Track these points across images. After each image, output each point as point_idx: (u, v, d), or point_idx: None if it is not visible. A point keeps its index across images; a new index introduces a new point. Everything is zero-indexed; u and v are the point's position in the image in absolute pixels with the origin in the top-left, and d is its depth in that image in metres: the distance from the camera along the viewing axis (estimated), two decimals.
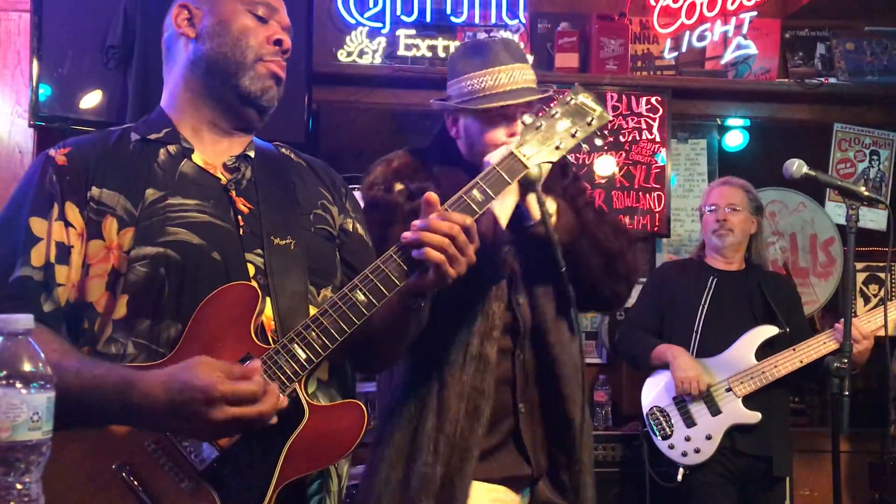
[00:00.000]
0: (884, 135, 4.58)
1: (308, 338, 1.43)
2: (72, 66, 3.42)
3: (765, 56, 4.43)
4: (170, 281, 1.45)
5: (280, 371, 1.41)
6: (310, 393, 1.49)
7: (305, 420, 1.42)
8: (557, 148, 1.62)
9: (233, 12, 1.58)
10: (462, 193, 1.53)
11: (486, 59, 2.02)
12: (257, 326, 1.45)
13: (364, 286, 1.46)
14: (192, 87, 1.60)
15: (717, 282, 3.41)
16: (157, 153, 1.55)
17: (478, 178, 1.55)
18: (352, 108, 4.30)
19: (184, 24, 1.60)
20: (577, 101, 1.65)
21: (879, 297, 4.52)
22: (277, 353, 1.42)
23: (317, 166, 1.75)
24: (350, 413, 1.46)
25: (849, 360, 2.43)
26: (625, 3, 4.43)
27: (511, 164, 1.59)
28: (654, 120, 4.31)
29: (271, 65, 1.58)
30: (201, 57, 1.57)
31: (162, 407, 1.30)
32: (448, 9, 4.25)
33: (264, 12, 1.59)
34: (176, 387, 1.29)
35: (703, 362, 3.30)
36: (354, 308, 1.45)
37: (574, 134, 1.63)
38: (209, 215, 1.51)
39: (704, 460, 3.24)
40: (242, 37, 1.56)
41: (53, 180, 1.49)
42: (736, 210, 3.40)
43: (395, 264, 1.47)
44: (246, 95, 1.57)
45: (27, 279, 1.44)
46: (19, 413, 0.96)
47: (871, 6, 4.33)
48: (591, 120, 1.65)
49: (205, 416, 1.29)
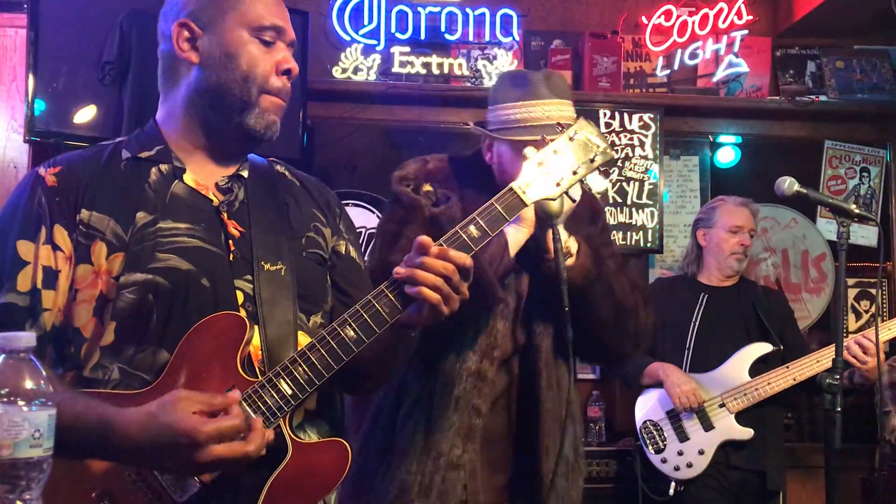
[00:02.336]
0: (874, 152, 4.61)
1: (294, 372, 1.41)
2: (67, 82, 3.43)
3: (756, 74, 4.47)
4: (158, 308, 1.42)
5: (265, 406, 1.38)
6: (296, 424, 1.48)
7: (288, 457, 1.40)
8: (558, 185, 1.57)
9: (239, 41, 1.51)
10: (458, 229, 1.49)
11: (525, 90, 2.02)
12: (244, 357, 1.43)
13: (354, 322, 1.43)
14: (192, 114, 1.55)
15: (708, 298, 3.43)
16: (149, 173, 1.52)
17: (475, 213, 1.52)
18: (346, 124, 4.32)
19: (186, 47, 1.52)
20: (580, 136, 1.59)
21: (870, 314, 4.54)
22: (263, 388, 1.39)
23: (311, 186, 1.72)
24: (333, 451, 1.44)
25: (840, 376, 2.44)
26: (617, 22, 4.47)
27: (510, 199, 1.54)
28: (647, 137, 4.34)
29: (278, 98, 1.53)
30: (205, 88, 1.51)
31: (143, 448, 1.28)
32: (443, 26, 4.27)
33: (271, 36, 1.53)
34: (156, 430, 1.27)
35: (696, 378, 3.31)
36: (343, 344, 1.42)
37: (576, 171, 1.58)
38: (200, 240, 1.48)
39: (696, 475, 3.25)
40: (250, 71, 1.50)
41: (42, 202, 1.45)
42: (752, 235, 3.47)
43: (387, 300, 1.44)
44: (249, 133, 1.52)
45: (11, 305, 1.41)
46: (21, 431, 0.97)
47: (860, 25, 4.38)
48: (595, 157, 1.59)
49: (189, 457, 1.27)
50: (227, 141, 1.56)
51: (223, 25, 1.51)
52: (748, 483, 3.26)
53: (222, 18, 1.51)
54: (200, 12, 1.52)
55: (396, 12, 4.23)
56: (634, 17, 4.46)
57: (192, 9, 1.53)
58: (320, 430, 1.54)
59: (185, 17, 1.53)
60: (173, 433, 1.26)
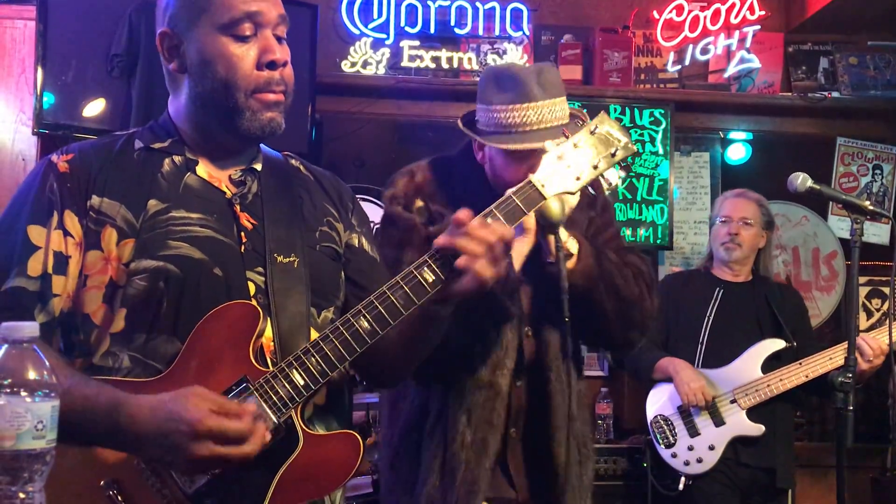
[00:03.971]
0: (887, 149, 4.58)
1: (307, 363, 1.39)
2: (76, 74, 3.43)
3: (768, 70, 4.44)
4: (169, 295, 1.41)
5: (276, 396, 1.37)
6: (306, 418, 1.46)
7: (300, 449, 1.38)
8: (578, 179, 1.54)
9: (213, 45, 1.44)
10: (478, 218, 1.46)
11: (518, 92, 1.93)
12: (257, 348, 1.41)
13: (369, 313, 1.41)
14: (194, 118, 1.53)
15: (723, 293, 3.41)
16: (162, 163, 1.51)
17: (493, 206, 1.48)
18: (355, 118, 4.30)
19: (170, 57, 1.50)
20: (601, 130, 1.56)
21: (882, 312, 4.51)
22: (275, 378, 1.38)
23: (325, 180, 1.70)
24: (345, 444, 1.42)
25: (853, 374, 2.42)
26: (628, 16, 4.44)
27: (529, 193, 1.51)
28: (657, 133, 4.31)
29: (267, 95, 1.46)
30: (196, 96, 1.48)
31: (146, 433, 1.27)
32: (452, 20, 4.25)
33: (249, 28, 1.45)
34: (163, 415, 1.27)
35: (708, 373, 3.30)
36: (357, 335, 1.41)
37: (597, 165, 1.55)
38: (212, 230, 1.46)
39: (706, 470, 3.23)
40: (229, 75, 1.44)
41: (54, 188, 1.45)
42: (748, 224, 3.40)
43: (402, 292, 1.42)
44: (247, 135, 1.49)
45: (21, 290, 1.40)
46: (23, 422, 0.95)
47: (874, 21, 4.34)
48: (616, 151, 1.56)
49: (187, 449, 1.26)
50: (231, 141, 1.54)
51: (198, 30, 1.46)
52: (757, 480, 3.25)
53: (196, 22, 1.46)
54: (178, 19, 1.48)
55: (406, 6, 4.21)
56: (646, 12, 4.43)
57: (171, 14, 1.49)
58: (329, 426, 1.52)
59: (165, 26, 1.50)
60: (177, 420, 1.25)
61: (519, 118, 1.92)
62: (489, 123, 1.98)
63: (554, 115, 1.94)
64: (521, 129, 1.93)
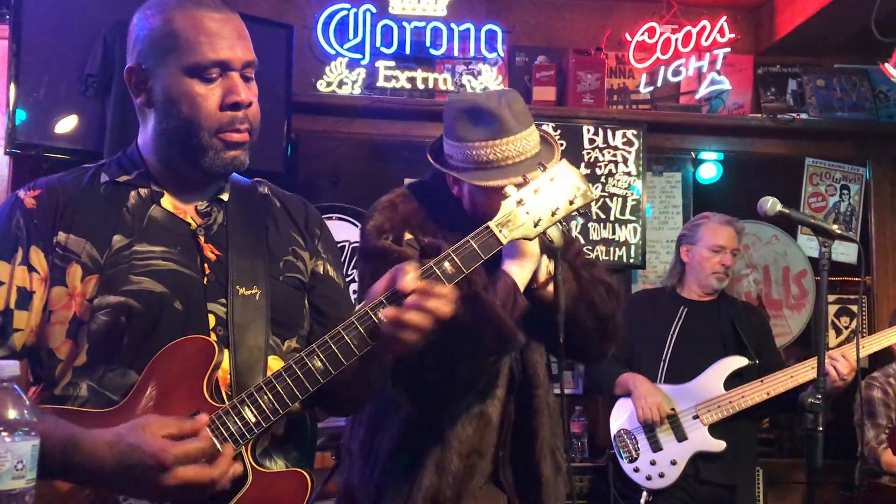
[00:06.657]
0: (853, 169, 4.67)
1: (259, 400, 1.40)
2: (49, 92, 3.39)
3: (738, 91, 4.51)
4: (130, 329, 1.43)
5: (227, 432, 1.38)
6: (261, 452, 1.47)
7: (247, 486, 1.39)
8: (536, 224, 1.54)
9: (179, 83, 1.46)
10: (433, 264, 1.47)
11: (495, 128, 1.91)
12: (212, 382, 1.43)
13: (322, 353, 1.42)
14: (161, 151, 1.54)
15: (687, 311, 3.44)
16: (128, 196, 1.52)
17: (450, 249, 1.49)
18: (331, 137, 4.31)
19: (138, 93, 1.51)
20: (560, 177, 1.56)
21: (851, 330, 4.58)
22: (227, 414, 1.39)
23: (292, 207, 1.70)
24: (293, 482, 1.43)
25: (823, 395, 2.45)
26: (601, 38, 4.50)
27: (486, 238, 1.51)
28: (630, 153, 4.36)
29: (231, 135, 1.48)
30: (162, 131, 1.50)
31: (109, 468, 1.28)
32: (427, 41, 4.28)
33: (216, 72, 1.46)
34: (124, 448, 1.27)
35: (670, 389, 3.33)
36: (310, 374, 1.42)
37: (555, 211, 1.55)
38: (174, 262, 1.48)
39: (668, 485, 3.25)
40: (193, 115, 1.46)
41: (21, 223, 1.46)
42: (735, 254, 3.47)
43: (357, 333, 1.42)
44: (211, 173, 1.51)
45: None
46: (3, 462, 0.95)
47: (841, 44, 4.43)
48: (575, 198, 1.55)
49: (155, 480, 1.27)
50: (196, 175, 1.54)
51: (165, 69, 1.47)
52: (718, 497, 3.27)
53: (163, 61, 1.47)
54: (146, 55, 1.49)
55: (381, 27, 4.23)
56: (618, 34, 4.49)
57: (139, 50, 1.50)
58: (288, 457, 1.53)
59: (133, 61, 1.51)
60: (140, 455, 1.27)
61: (500, 153, 1.91)
62: (466, 160, 1.95)
63: (530, 145, 1.94)
64: (501, 163, 1.91)
